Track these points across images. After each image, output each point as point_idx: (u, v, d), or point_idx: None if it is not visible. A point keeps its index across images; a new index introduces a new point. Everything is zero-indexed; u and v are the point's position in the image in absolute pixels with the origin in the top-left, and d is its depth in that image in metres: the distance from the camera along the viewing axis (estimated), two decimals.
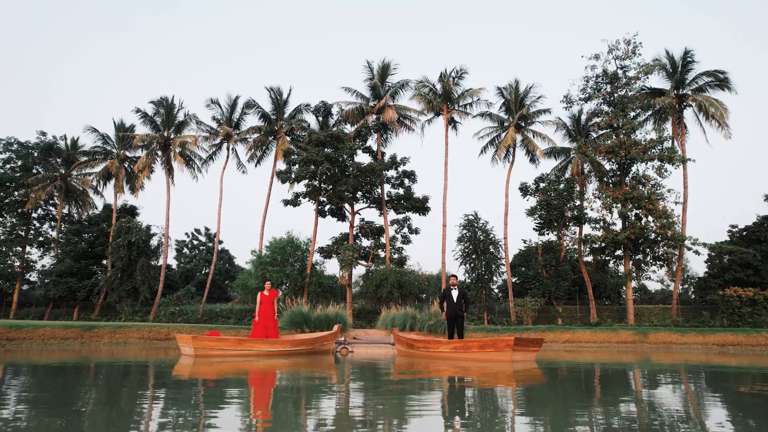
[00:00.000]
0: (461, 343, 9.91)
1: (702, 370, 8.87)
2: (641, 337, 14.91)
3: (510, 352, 9.10)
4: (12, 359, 10.33)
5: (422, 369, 8.21)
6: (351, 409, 4.38)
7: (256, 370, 7.91)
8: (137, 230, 31.30)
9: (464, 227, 29.53)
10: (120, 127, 34.12)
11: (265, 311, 11.35)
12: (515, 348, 9.08)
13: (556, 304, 27.30)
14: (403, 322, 16.60)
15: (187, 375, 7.09)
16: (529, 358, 9.43)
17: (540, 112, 29.82)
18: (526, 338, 9.39)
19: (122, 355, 11.52)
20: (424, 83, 29.84)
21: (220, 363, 8.84)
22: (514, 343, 9.03)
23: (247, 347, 10.60)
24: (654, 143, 25.18)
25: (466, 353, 9.69)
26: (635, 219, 25.67)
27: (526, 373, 7.51)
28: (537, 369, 8.23)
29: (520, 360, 9.17)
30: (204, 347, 10.23)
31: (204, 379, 6.61)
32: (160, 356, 11.25)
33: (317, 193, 28.52)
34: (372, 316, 27.68)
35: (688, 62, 26.59)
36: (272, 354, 10.62)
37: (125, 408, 4.18)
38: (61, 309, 33.29)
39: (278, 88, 31.99)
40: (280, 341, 11.11)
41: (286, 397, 5.12)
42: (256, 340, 10.87)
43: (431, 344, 10.34)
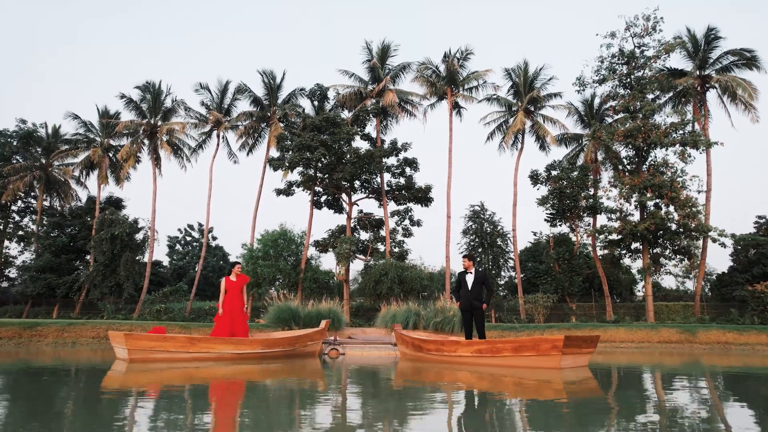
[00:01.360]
0: (488, 345, 7.59)
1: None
2: (688, 336, 12.87)
3: (558, 356, 6.84)
4: None
5: (435, 378, 6.28)
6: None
7: (205, 381, 5.95)
8: (121, 223, 29.33)
9: (470, 219, 27.64)
10: (104, 114, 32.17)
11: (232, 302, 9.16)
12: (565, 350, 6.83)
13: (569, 301, 25.35)
14: (405, 319, 14.69)
15: (112, 386, 5.14)
16: (581, 362, 7.26)
17: (551, 95, 27.90)
18: (578, 336, 7.14)
19: (58, 357, 9.58)
20: (426, 65, 27.89)
21: (162, 370, 6.82)
22: (563, 343, 6.77)
23: (203, 348, 8.36)
24: (676, 126, 23.26)
25: (496, 358, 7.45)
26: (654, 208, 23.77)
27: (584, 386, 5.56)
28: (593, 379, 6.18)
29: (570, 366, 7.01)
30: (142, 348, 8.02)
31: (116, 396, 4.64)
32: (104, 359, 9.19)
33: (312, 182, 26.57)
34: (371, 314, 25.75)
35: (712, 39, 24.66)
36: (237, 357, 8.51)
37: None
38: (40, 307, 31.37)
39: (271, 71, 30.07)
40: (248, 341, 8.91)
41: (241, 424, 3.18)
42: (216, 339, 8.66)
43: (446, 346, 8.11)
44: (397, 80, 29.06)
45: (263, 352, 8.88)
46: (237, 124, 30.69)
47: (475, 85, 28.00)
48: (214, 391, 5.04)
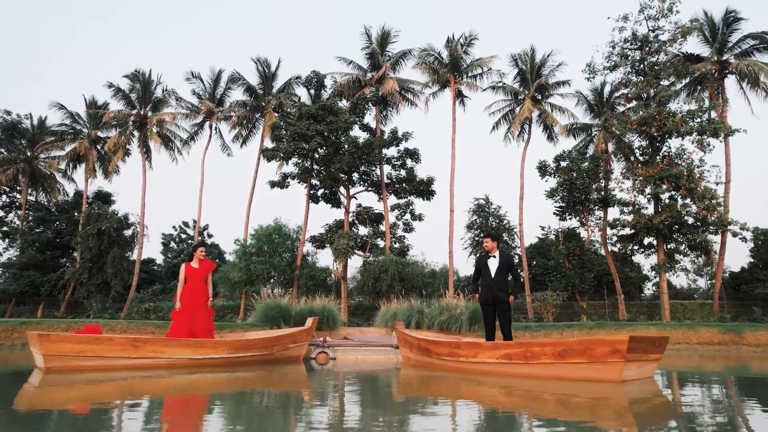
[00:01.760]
0: (521, 348, 5.77)
1: None
2: (734, 336, 11.38)
3: (620, 364, 5.01)
4: None
5: (449, 394, 4.83)
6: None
7: (138, 398, 4.49)
8: (108, 218, 28.01)
9: (474, 213, 26.27)
10: (91, 104, 30.80)
11: (192, 294, 7.34)
12: (629, 355, 5.01)
13: (580, 299, 23.98)
14: (407, 317, 13.36)
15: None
16: (647, 372, 5.48)
17: (559, 83, 26.54)
18: (646, 337, 5.31)
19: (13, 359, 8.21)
20: (428, 51, 26.50)
21: (88, 384, 5.18)
22: (628, 346, 4.96)
23: (151, 353, 6.55)
24: (693, 114, 21.90)
25: (531, 366, 5.63)
26: (670, 201, 22.42)
27: (658, 407, 4.05)
28: (665, 398, 4.63)
29: (634, 378, 5.24)
30: (64, 353, 6.07)
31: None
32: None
33: (308, 174, 25.21)
34: (370, 313, 24.42)
35: (732, 22, 23.28)
36: (197, 364, 6.78)
37: None
38: (25, 306, 30.02)
39: (266, 59, 28.69)
40: (212, 343, 7.10)
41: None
42: (169, 342, 6.81)
43: (463, 349, 6.42)
44: (397, 68, 27.71)
45: (231, 357, 7.13)
46: (230, 115, 29.32)
47: (479, 73, 26.62)
48: (147, 413, 3.68)
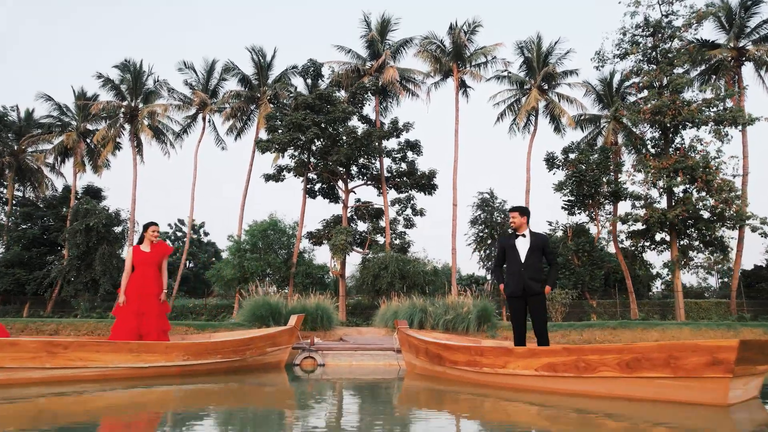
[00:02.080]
0: (569, 356, 4.27)
1: None
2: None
3: (727, 380, 3.52)
4: None
5: (473, 414, 3.71)
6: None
7: (58, 424, 3.19)
8: (97, 213, 26.88)
9: (478, 207, 25.18)
10: (80, 96, 29.69)
11: (142, 284, 5.92)
12: (738, 368, 3.50)
13: (589, 298, 22.87)
14: (409, 317, 12.24)
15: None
16: (753, 390, 3.90)
17: (567, 72, 25.43)
18: (757, 343, 3.61)
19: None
20: (430, 39, 25.38)
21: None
22: (737, 357, 3.43)
23: (76, 361, 5.05)
24: (710, 102, 20.78)
25: (584, 381, 4.17)
26: (684, 194, 21.30)
27: None
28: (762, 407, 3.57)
29: (741, 399, 3.72)
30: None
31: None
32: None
33: (305, 167, 24.09)
34: (369, 313, 23.30)
35: (750, 5, 22.16)
36: (141, 374, 5.38)
37: None
38: (11, 305, 28.91)
39: (261, 48, 27.54)
40: (162, 348, 5.56)
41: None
42: (103, 346, 5.27)
43: (488, 357, 4.89)
44: (398, 57, 26.57)
45: (188, 366, 5.70)
46: (224, 106, 28.19)
47: (483, 62, 25.49)
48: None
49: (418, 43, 25.73)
